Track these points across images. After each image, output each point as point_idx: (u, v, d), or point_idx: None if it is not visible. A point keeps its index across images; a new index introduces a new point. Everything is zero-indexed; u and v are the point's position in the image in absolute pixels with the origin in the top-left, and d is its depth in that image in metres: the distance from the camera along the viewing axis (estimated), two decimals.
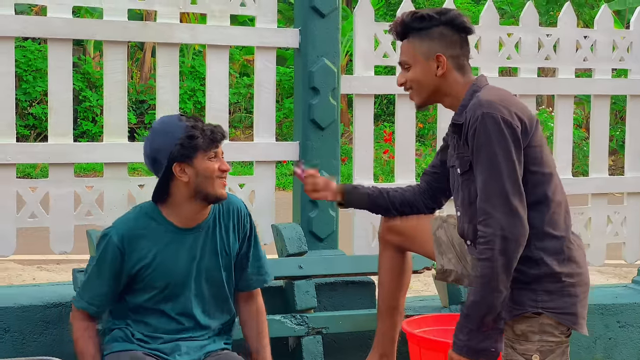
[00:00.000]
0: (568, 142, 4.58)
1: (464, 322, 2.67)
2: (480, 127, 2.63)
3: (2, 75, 3.64)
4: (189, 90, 15.57)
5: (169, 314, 3.03)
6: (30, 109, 14.61)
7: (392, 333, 3.32)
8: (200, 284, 3.05)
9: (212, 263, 3.06)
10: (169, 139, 2.92)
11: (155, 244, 2.98)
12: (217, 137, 2.96)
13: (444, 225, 3.12)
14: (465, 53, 2.82)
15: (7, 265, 7.13)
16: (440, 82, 2.80)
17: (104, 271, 2.96)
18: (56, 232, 3.72)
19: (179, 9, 3.85)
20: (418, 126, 15.74)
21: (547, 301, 2.66)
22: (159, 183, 2.98)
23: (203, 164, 2.93)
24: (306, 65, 3.99)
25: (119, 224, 3.01)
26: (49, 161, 3.70)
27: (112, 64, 3.79)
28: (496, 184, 2.61)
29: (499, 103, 2.66)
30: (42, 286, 3.89)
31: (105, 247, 2.96)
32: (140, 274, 2.98)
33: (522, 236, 2.60)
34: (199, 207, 3.00)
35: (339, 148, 4.06)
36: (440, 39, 2.78)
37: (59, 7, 3.67)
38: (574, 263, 2.71)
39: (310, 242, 3.95)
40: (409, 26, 2.82)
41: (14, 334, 3.44)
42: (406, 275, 3.30)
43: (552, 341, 2.67)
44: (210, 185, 2.95)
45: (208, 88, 3.97)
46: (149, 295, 3.01)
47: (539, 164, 2.69)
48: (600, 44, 4.58)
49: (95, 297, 2.97)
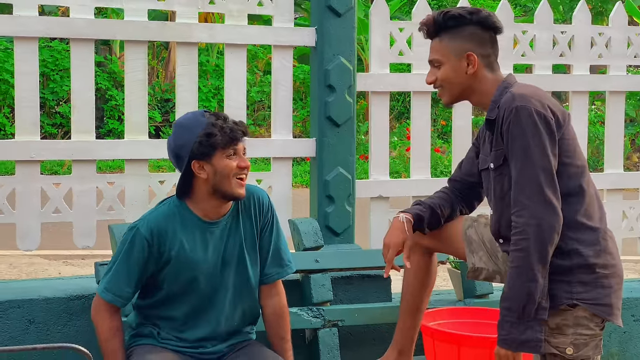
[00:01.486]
0: (583, 138, 4.60)
1: (504, 315, 2.69)
2: (514, 120, 2.67)
3: (28, 75, 3.74)
4: (214, 88, 15.66)
5: (195, 308, 3.05)
6: (58, 108, 14.76)
7: (412, 332, 3.36)
8: (227, 276, 3.07)
9: (238, 255, 3.08)
10: (190, 135, 2.94)
11: (181, 237, 3.00)
12: (236, 135, 2.96)
13: (474, 224, 3.15)
14: (495, 52, 2.89)
15: (34, 260, 7.27)
16: (470, 81, 2.85)
17: (131, 264, 2.98)
18: (79, 227, 3.82)
19: (197, 9, 3.94)
20: (441, 124, 15.77)
21: (581, 292, 2.68)
22: (181, 179, 3.00)
23: (221, 162, 2.94)
24: (322, 63, 4.07)
25: (147, 217, 3.04)
26: (72, 158, 3.80)
27: (133, 63, 3.89)
28: (530, 175, 2.65)
29: (532, 96, 2.71)
30: (66, 279, 3.97)
31: (133, 239, 2.98)
32: (168, 266, 3.00)
33: (556, 225, 2.63)
34: (220, 202, 3.03)
35: (354, 144, 4.13)
36: (472, 38, 2.83)
37: (82, 7, 3.77)
38: (609, 254, 2.73)
39: (326, 237, 4.02)
40: (440, 25, 2.86)
41: (39, 325, 3.52)
42: (431, 276, 3.33)
43: (587, 334, 2.69)
44: (227, 184, 2.96)
45: (226, 86, 4.05)
46: (176, 289, 3.03)
47: (572, 156, 2.73)
48: (614, 41, 4.61)
49: (123, 290, 2.98)
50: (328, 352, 3.72)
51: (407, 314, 3.34)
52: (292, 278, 3.79)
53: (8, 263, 7.16)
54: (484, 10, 2.88)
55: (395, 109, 16.48)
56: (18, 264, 7.16)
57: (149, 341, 3.06)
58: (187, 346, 3.06)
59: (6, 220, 3.73)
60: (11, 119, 13.93)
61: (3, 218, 3.72)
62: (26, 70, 3.73)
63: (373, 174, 4.26)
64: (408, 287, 3.32)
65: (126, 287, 2.99)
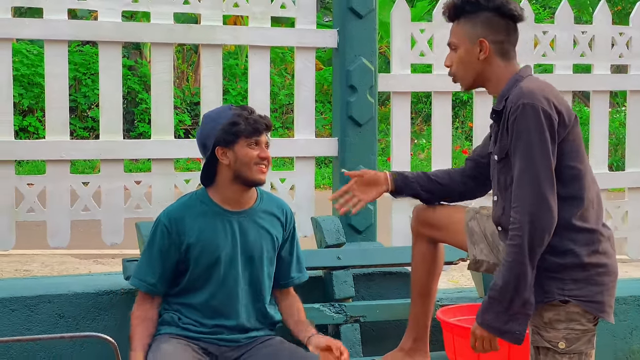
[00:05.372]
0: (604, 137, 4.66)
1: (491, 303, 2.72)
2: (520, 116, 2.69)
3: (58, 77, 3.86)
4: (243, 91, 15.74)
5: (214, 295, 3.17)
6: (89, 112, 14.92)
7: (425, 319, 3.45)
8: (245, 268, 3.19)
9: (255, 248, 3.21)
10: (216, 124, 3.13)
11: (201, 223, 3.16)
12: (259, 126, 3.13)
13: (477, 216, 3.19)
14: (511, 40, 2.87)
15: (65, 259, 7.40)
16: (482, 67, 2.86)
17: (154, 250, 3.16)
18: (107, 225, 3.93)
19: (222, 12, 4.03)
20: (469, 125, 15.76)
21: (573, 289, 2.70)
22: (205, 164, 3.17)
23: (243, 150, 3.11)
24: (344, 64, 4.14)
25: (169, 207, 3.24)
26: (100, 157, 3.91)
27: (160, 65, 3.99)
28: (530, 173, 2.67)
29: (540, 94, 2.71)
30: (95, 275, 4.08)
31: (155, 228, 3.18)
32: (189, 252, 3.15)
33: (549, 225, 2.65)
34: (240, 189, 3.18)
35: (376, 144, 4.20)
36: (487, 23, 2.83)
37: (110, 11, 3.88)
38: (603, 254, 2.75)
39: (349, 235, 4.09)
40: (459, 8, 2.88)
41: (68, 320, 3.62)
42: (438, 264, 3.41)
43: (579, 329, 2.72)
44: (248, 170, 3.12)
45: (250, 87, 4.14)
46: (198, 274, 3.16)
47: (575, 158, 2.74)
48: (635, 40, 4.64)
49: (147, 274, 3.15)
50: (350, 347, 3.77)
51: (418, 301, 3.43)
52: (314, 274, 3.87)
53: (40, 262, 7.31)
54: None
55: (423, 111, 16.49)
56: (50, 263, 7.29)
57: (170, 329, 3.17)
58: (206, 332, 3.17)
59: (37, 218, 3.85)
60: (44, 122, 14.08)
61: (34, 216, 3.84)
62: (56, 73, 3.85)
63: None
64: (416, 276, 3.41)
65: (150, 272, 3.16)
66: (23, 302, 3.58)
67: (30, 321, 3.57)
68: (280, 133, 15.35)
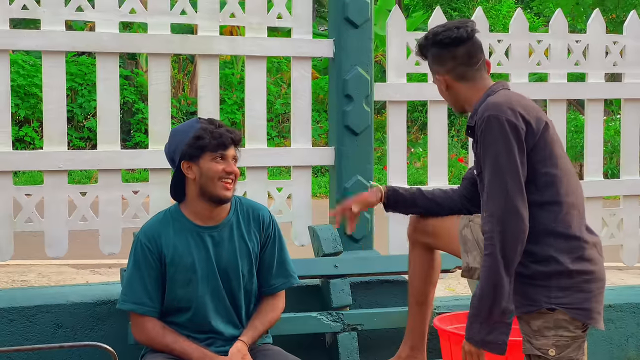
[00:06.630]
0: (599, 145, 4.68)
1: (473, 315, 2.75)
2: (486, 128, 2.74)
3: (55, 88, 3.87)
4: (239, 100, 15.80)
5: (197, 312, 3.15)
6: (86, 122, 14.94)
7: (422, 327, 3.48)
8: (222, 280, 3.17)
9: (230, 262, 3.18)
10: (183, 138, 3.12)
11: (175, 240, 3.14)
12: (225, 140, 3.10)
13: (470, 224, 3.23)
14: (464, 62, 2.91)
15: (62, 269, 7.41)
16: (453, 94, 2.96)
17: (141, 269, 3.12)
18: (105, 234, 3.93)
19: (218, 23, 4.06)
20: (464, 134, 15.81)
21: (560, 297, 2.72)
22: (172, 179, 3.17)
23: (207, 164, 3.10)
24: (340, 73, 4.17)
25: (145, 226, 3.21)
26: (97, 167, 3.93)
27: (156, 75, 4.01)
28: (498, 183, 2.70)
29: (505, 105, 2.75)
30: (93, 285, 4.08)
31: (136, 247, 3.16)
32: (167, 270, 3.13)
33: (521, 233, 2.67)
34: (208, 205, 3.15)
35: (372, 153, 4.23)
36: (435, 59, 2.96)
37: (107, 22, 3.90)
38: (588, 261, 2.76)
39: (346, 244, 4.10)
40: (421, 53, 3.03)
41: (66, 329, 3.63)
42: (434, 272, 3.45)
43: (568, 336, 2.73)
44: (212, 185, 3.10)
45: (247, 97, 4.15)
46: (177, 294, 3.14)
47: (549, 165, 2.76)
48: (629, 49, 4.68)
49: (142, 295, 3.11)
50: (347, 356, 3.80)
51: (415, 309, 3.47)
52: (312, 283, 3.89)
53: (37, 272, 7.30)
54: (436, 28, 2.96)
55: (419, 120, 16.53)
56: (47, 273, 7.29)
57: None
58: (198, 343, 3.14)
59: (35, 228, 3.86)
60: (40, 132, 14.13)
61: (32, 226, 3.85)
62: (53, 83, 3.87)
63: (391, 181, 4.34)
64: (413, 284, 3.45)
65: (143, 292, 3.11)
66: (21, 312, 3.60)
67: (29, 331, 3.59)
68: (277, 142, 15.37)
